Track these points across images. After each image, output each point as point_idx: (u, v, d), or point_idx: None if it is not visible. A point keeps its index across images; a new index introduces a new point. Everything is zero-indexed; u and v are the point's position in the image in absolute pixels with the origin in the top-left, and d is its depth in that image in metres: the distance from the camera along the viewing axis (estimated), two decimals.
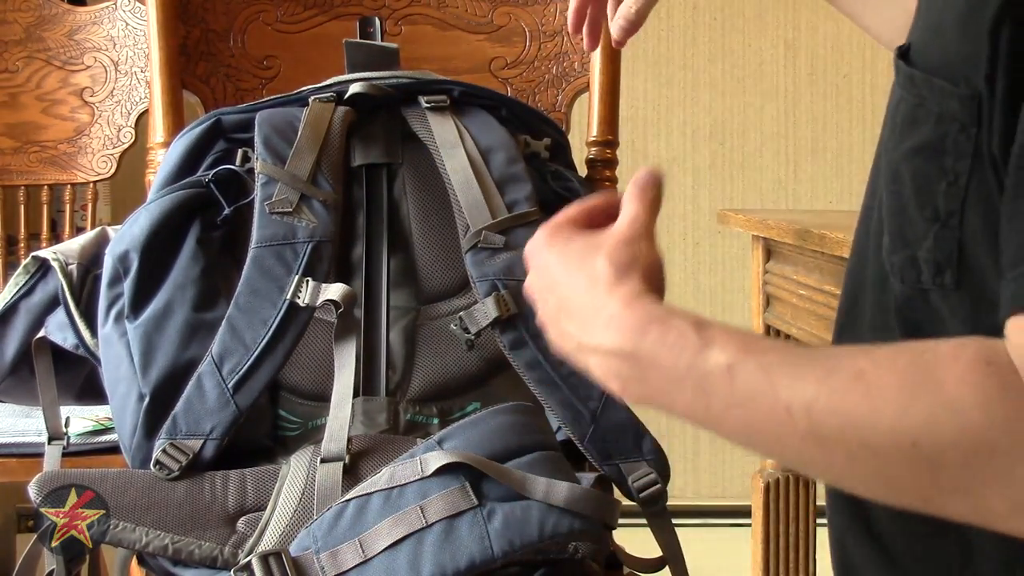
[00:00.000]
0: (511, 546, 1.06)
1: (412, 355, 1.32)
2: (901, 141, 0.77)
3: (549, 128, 1.43)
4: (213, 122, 1.36)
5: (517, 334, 1.24)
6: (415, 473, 1.10)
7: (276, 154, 1.30)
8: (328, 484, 1.16)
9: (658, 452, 1.23)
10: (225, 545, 1.15)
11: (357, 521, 1.08)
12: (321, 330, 1.28)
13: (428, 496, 1.08)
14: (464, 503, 1.07)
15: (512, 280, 1.26)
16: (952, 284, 0.76)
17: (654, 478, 1.21)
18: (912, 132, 0.76)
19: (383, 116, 1.38)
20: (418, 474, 1.10)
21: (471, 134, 1.34)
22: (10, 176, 2.27)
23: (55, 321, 1.39)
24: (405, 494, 1.09)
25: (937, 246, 0.76)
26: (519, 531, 1.06)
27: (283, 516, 1.15)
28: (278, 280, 1.23)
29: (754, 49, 3.32)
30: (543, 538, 1.08)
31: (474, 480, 1.09)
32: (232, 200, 1.31)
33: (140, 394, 1.23)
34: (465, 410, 1.31)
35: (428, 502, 1.07)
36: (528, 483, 1.09)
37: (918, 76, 0.76)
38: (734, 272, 3.32)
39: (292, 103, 1.37)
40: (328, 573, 1.06)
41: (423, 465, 1.10)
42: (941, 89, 0.74)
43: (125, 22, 2.24)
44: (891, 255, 0.79)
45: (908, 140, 0.77)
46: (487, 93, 1.42)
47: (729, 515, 3.21)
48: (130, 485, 1.17)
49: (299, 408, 1.30)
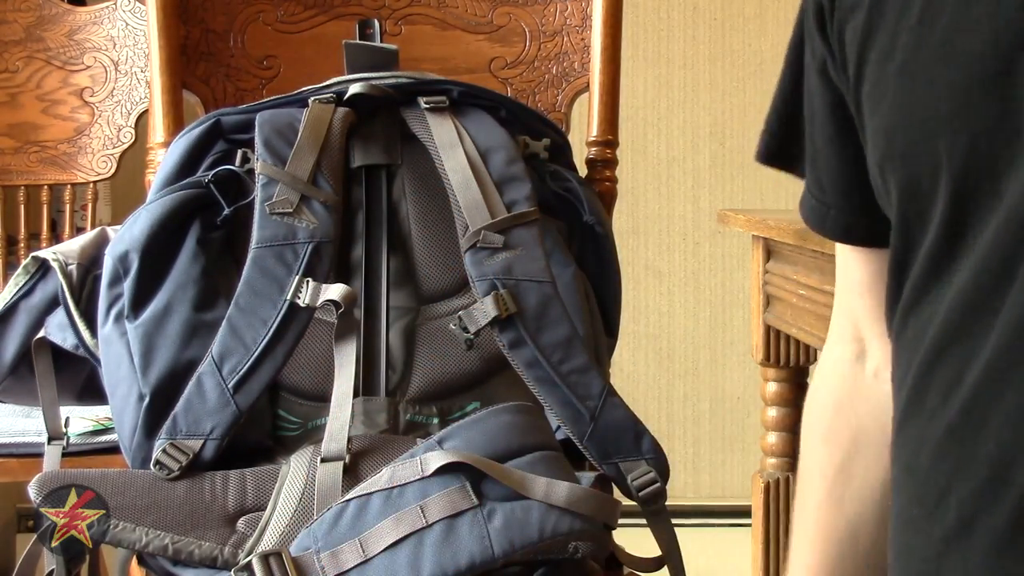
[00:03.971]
0: (511, 546, 1.06)
1: (411, 355, 1.32)
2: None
3: (548, 129, 1.43)
4: (213, 123, 1.36)
5: (516, 333, 1.24)
6: (415, 473, 1.10)
7: (276, 155, 1.30)
8: (328, 484, 1.16)
9: (657, 451, 1.23)
10: (225, 545, 1.15)
11: (357, 521, 1.08)
12: (320, 331, 1.28)
13: (428, 496, 1.08)
14: (464, 503, 1.07)
15: (511, 279, 1.26)
16: None
17: (653, 477, 1.21)
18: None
19: (383, 117, 1.38)
20: (418, 474, 1.10)
21: (470, 134, 1.34)
22: (10, 176, 2.27)
23: (55, 321, 1.39)
24: (405, 494, 1.09)
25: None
26: (519, 531, 1.06)
27: (283, 516, 1.15)
28: (278, 280, 1.24)
29: (754, 49, 3.32)
30: (543, 538, 1.08)
31: (474, 480, 1.09)
32: (232, 201, 1.31)
33: (140, 394, 1.23)
34: (465, 410, 1.31)
35: (428, 502, 1.07)
36: (528, 483, 1.10)
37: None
38: (734, 272, 3.32)
39: (292, 104, 1.37)
40: (328, 573, 1.06)
41: (423, 465, 1.10)
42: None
43: (125, 22, 2.24)
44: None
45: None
46: (486, 94, 1.42)
47: (729, 515, 3.21)
48: (130, 485, 1.17)
49: (298, 408, 1.30)
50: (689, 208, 3.35)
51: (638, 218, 3.31)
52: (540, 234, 1.30)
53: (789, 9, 3.29)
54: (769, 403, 1.96)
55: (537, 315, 1.25)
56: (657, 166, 3.33)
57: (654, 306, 3.31)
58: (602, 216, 1.41)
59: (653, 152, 3.33)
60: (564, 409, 1.22)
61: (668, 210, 3.34)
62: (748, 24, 3.31)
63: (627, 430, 1.23)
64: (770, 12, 3.30)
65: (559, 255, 1.32)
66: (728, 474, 3.33)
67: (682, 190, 3.35)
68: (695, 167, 3.35)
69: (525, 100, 1.55)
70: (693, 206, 3.34)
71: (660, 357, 3.32)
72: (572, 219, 1.40)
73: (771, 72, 3.30)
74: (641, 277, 3.31)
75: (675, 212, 3.34)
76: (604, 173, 1.55)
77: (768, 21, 3.31)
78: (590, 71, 1.55)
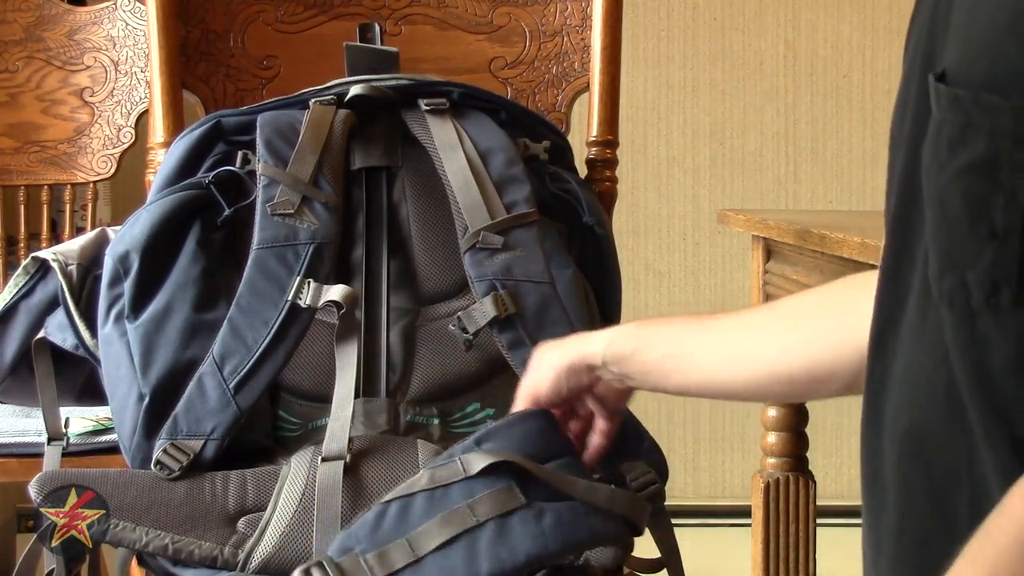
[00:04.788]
0: (565, 544, 1.05)
1: (412, 356, 1.33)
2: (948, 163, 0.77)
3: (549, 131, 1.43)
4: (213, 124, 1.36)
5: (515, 334, 1.24)
6: (457, 473, 1.08)
7: (278, 156, 1.30)
8: (328, 483, 1.16)
9: (657, 452, 1.23)
10: (225, 545, 1.15)
11: (402, 522, 1.06)
12: (321, 332, 1.28)
13: (475, 495, 1.06)
14: (513, 502, 1.06)
15: (510, 280, 1.26)
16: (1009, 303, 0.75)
17: (652, 477, 1.21)
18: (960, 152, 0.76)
19: (383, 119, 1.38)
20: (460, 474, 1.08)
21: (470, 136, 1.34)
22: (10, 176, 2.27)
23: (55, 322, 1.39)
24: (450, 494, 1.07)
25: (995, 264, 0.75)
26: (571, 530, 1.06)
27: (283, 516, 1.15)
28: (279, 281, 1.24)
29: (754, 49, 3.32)
30: (593, 538, 1.07)
31: (519, 480, 1.08)
32: (232, 202, 1.32)
33: (140, 394, 1.23)
34: (465, 410, 1.31)
35: (477, 501, 1.05)
36: (568, 484, 1.09)
37: (963, 95, 0.76)
38: (734, 272, 3.32)
39: (293, 106, 1.37)
40: (377, 574, 1.05)
41: (465, 465, 1.08)
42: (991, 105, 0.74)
43: (125, 22, 2.24)
44: (939, 280, 0.78)
45: (956, 161, 0.77)
46: (487, 95, 1.42)
47: (729, 515, 3.21)
48: (130, 485, 1.17)
49: (298, 409, 1.30)
50: (689, 208, 3.35)
51: (638, 218, 3.31)
52: (540, 235, 1.30)
53: (789, 9, 3.29)
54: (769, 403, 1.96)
55: (536, 315, 1.25)
56: (657, 166, 3.33)
57: (654, 306, 3.31)
58: (602, 218, 1.41)
59: (653, 152, 3.33)
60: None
61: (668, 210, 3.34)
62: (748, 24, 3.31)
63: (626, 431, 1.23)
64: (770, 12, 3.30)
65: (559, 256, 1.33)
66: (728, 474, 3.33)
67: (682, 190, 3.34)
68: (695, 167, 3.35)
69: (525, 100, 1.55)
70: (693, 206, 3.34)
71: None
72: (572, 221, 1.40)
73: (771, 72, 3.31)
74: (641, 277, 3.31)
75: (675, 212, 3.34)
76: (604, 173, 1.55)
77: (768, 21, 3.31)
78: (590, 71, 1.55)
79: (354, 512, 1.15)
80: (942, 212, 0.78)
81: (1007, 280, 0.75)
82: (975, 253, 0.76)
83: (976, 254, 0.76)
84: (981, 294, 0.76)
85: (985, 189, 0.75)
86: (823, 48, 3.30)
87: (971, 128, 0.75)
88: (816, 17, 3.29)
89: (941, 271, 0.78)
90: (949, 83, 0.77)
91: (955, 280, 0.77)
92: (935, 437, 0.80)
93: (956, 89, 0.76)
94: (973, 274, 0.76)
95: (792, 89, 3.32)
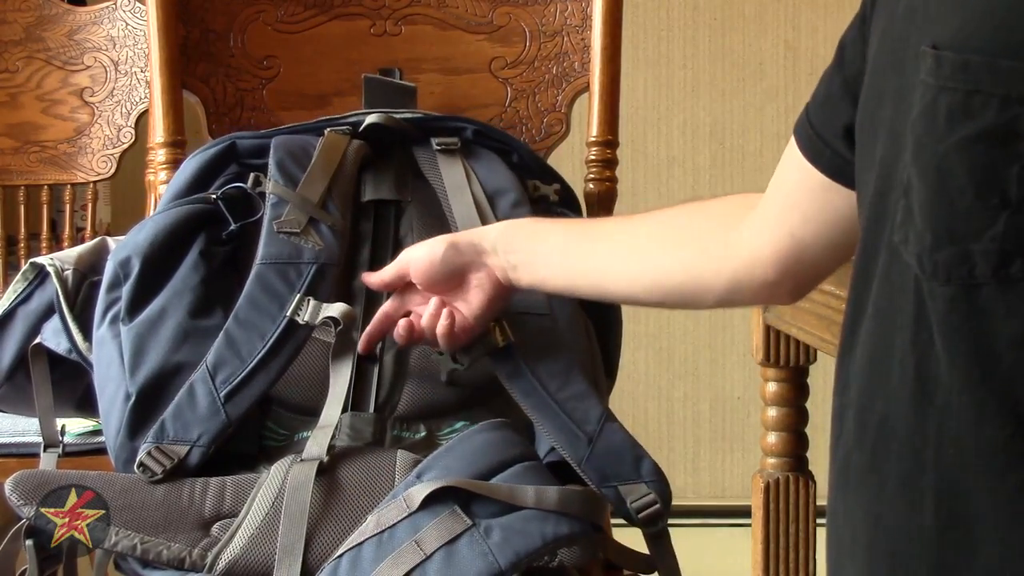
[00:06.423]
0: (516, 556, 1.05)
1: (403, 376, 1.32)
2: (948, 133, 0.75)
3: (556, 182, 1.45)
4: (228, 145, 1.37)
5: (513, 363, 1.25)
6: (401, 512, 1.08)
7: (289, 177, 1.32)
8: (299, 480, 1.16)
9: (658, 475, 1.22)
10: (195, 547, 1.14)
11: (354, 571, 1.06)
12: (315, 349, 1.28)
13: (420, 529, 1.06)
14: (459, 526, 1.06)
15: (510, 311, 1.26)
16: (1020, 273, 0.73)
17: (652, 499, 1.20)
18: (964, 122, 0.74)
19: (395, 153, 1.40)
20: (405, 511, 1.08)
21: (479, 177, 1.37)
22: (10, 176, 2.27)
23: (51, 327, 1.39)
24: (396, 534, 1.07)
25: (1007, 234, 0.73)
26: (521, 541, 1.05)
27: (255, 519, 1.14)
28: (279, 297, 1.25)
29: (754, 49, 3.32)
30: (546, 544, 1.07)
31: (463, 503, 1.07)
32: (239, 218, 1.32)
33: (127, 393, 1.23)
34: (454, 427, 1.31)
35: (422, 534, 1.06)
36: (518, 493, 1.09)
37: (975, 61, 0.73)
38: None
39: (308, 132, 1.39)
40: None
41: (407, 501, 1.09)
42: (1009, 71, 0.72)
43: (125, 22, 2.24)
44: (932, 254, 0.76)
45: (959, 130, 0.74)
46: (499, 136, 1.44)
47: (729, 515, 3.21)
48: (110, 486, 1.16)
49: (286, 421, 1.30)
50: None
51: None
52: None
53: (789, 9, 3.29)
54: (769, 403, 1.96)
55: (535, 345, 1.26)
56: (657, 166, 3.33)
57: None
58: None
59: (653, 152, 3.33)
60: (561, 434, 1.22)
61: None
62: (748, 24, 3.31)
63: (626, 453, 1.22)
64: (770, 12, 3.30)
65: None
66: (728, 474, 3.33)
67: (682, 190, 3.34)
68: (695, 167, 3.34)
69: (525, 100, 1.55)
70: None
71: (660, 357, 3.32)
72: None
73: (771, 72, 3.31)
74: None
75: None
76: (604, 173, 1.55)
77: (768, 21, 3.30)
78: (590, 71, 1.55)
79: (324, 509, 1.15)
80: (941, 184, 0.75)
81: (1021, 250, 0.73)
82: (985, 224, 0.74)
83: (986, 225, 0.74)
84: (987, 266, 0.74)
85: (996, 158, 0.73)
86: (823, 48, 3.30)
87: (979, 95, 0.73)
88: (816, 17, 3.28)
89: (936, 244, 0.76)
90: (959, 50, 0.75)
91: (955, 253, 0.75)
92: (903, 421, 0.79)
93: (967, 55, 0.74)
94: (979, 245, 0.74)
95: (792, 89, 3.32)
